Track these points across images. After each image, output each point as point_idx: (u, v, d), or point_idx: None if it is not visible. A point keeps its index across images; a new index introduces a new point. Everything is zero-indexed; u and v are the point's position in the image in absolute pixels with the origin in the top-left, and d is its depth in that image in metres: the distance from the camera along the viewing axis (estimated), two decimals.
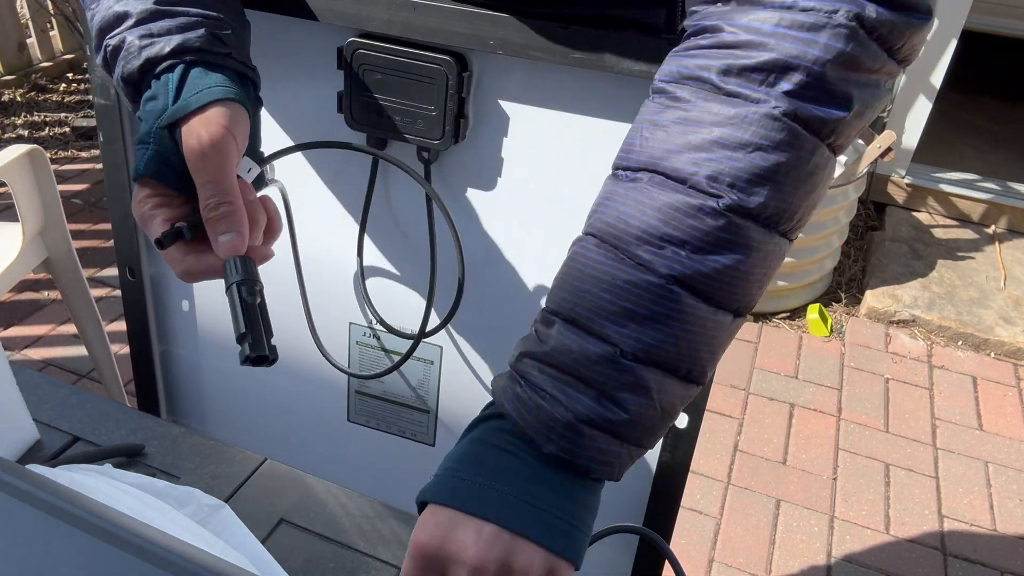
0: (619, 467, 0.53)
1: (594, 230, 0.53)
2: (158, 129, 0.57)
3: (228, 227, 0.58)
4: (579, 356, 0.51)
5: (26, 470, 0.38)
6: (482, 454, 0.52)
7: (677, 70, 0.52)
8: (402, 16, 0.75)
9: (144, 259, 1.02)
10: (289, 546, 0.66)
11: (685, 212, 0.50)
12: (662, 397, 0.52)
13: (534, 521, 0.49)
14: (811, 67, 0.48)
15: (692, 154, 0.50)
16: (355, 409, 1.03)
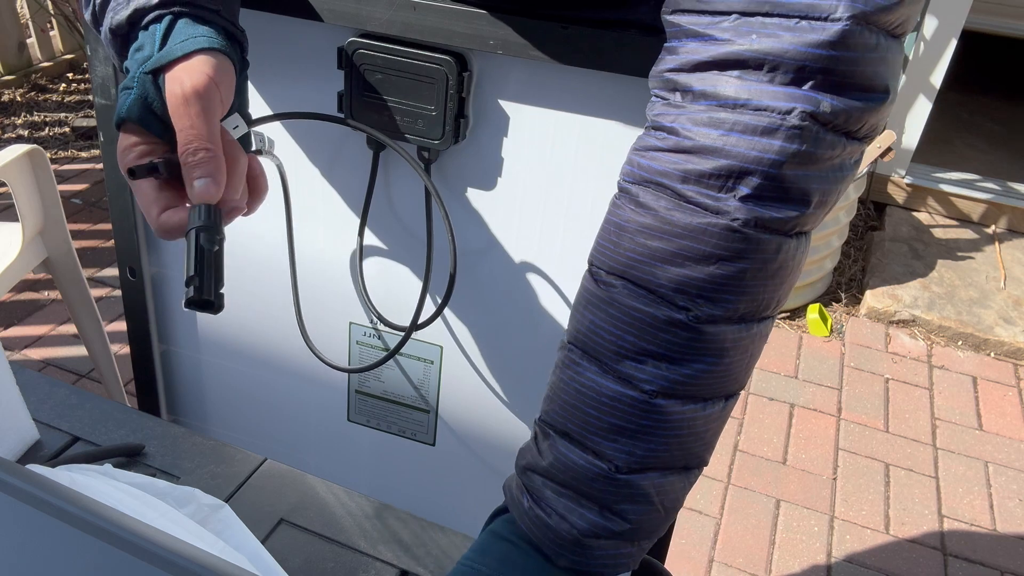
0: (633, 562, 0.54)
1: (577, 341, 0.54)
2: (142, 74, 0.56)
3: (204, 173, 0.56)
4: (576, 473, 0.52)
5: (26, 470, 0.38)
6: (495, 547, 0.54)
7: (639, 173, 0.52)
8: (402, 16, 0.75)
9: (145, 259, 1.02)
10: (289, 546, 0.66)
11: (658, 327, 0.50)
12: (663, 498, 0.53)
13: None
14: (767, 171, 0.48)
15: (658, 267, 0.50)
16: (355, 409, 1.03)
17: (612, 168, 0.79)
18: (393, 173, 0.87)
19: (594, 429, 0.52)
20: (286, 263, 0.96)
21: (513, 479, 0.57)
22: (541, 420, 0.56)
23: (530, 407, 0.95)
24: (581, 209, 0.82)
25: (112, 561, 0.33)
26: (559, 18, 0.71)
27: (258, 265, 0.97)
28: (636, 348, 0.51)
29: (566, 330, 0.56)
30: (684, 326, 0.50)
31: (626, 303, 0.51)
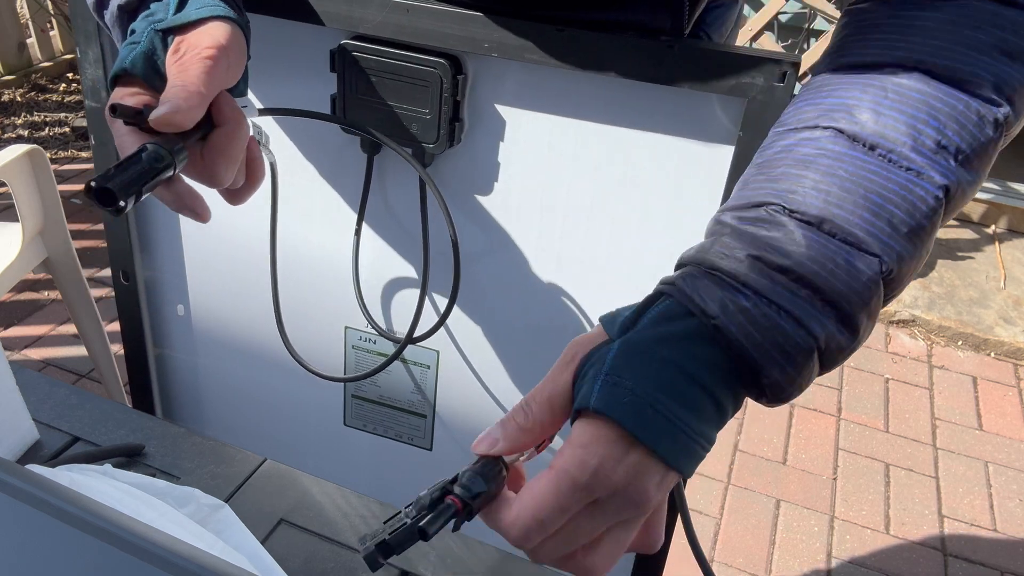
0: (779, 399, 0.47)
1: (840, 127, 0.47)
2: (152, 31, 0.55)
3: (175, 100, 0.52)
4: (832, 268, 0.44)
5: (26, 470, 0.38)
6: (680, 385, 0.43)
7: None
8: (395, 18, 0.74)
9: (138, 262, 1.01)
10: (289, 546, 0.66)
11: (966, 118, 0.45)
12: (861, 339, 0.46)
13: (689, 460, 0.44)
14: None
15: (971, 54, 0.46)
16: (351, 413, 1.03)
17: (609, 171, 0.78)
18: (389, 178, 0.87)
19: (868, 220, 0.44)
20: (281, 268, 0.95)
21: (701, 282, 0.45)
22: (770, 206, 0.46)
23: None
24: (578, 213, 0.82)
25: (112, 561, 0.33)
26: (554, 20, 0.71)
27: (254, 269, 0.97)
28: (937, 138, 0.46)
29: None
30: (994, 123, 0.46)
31: (923, 88, 0.46)
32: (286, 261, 0.96)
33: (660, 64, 0.69)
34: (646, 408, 0.42)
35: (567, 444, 0.44)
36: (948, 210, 0.47)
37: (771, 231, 0.45)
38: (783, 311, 0.43)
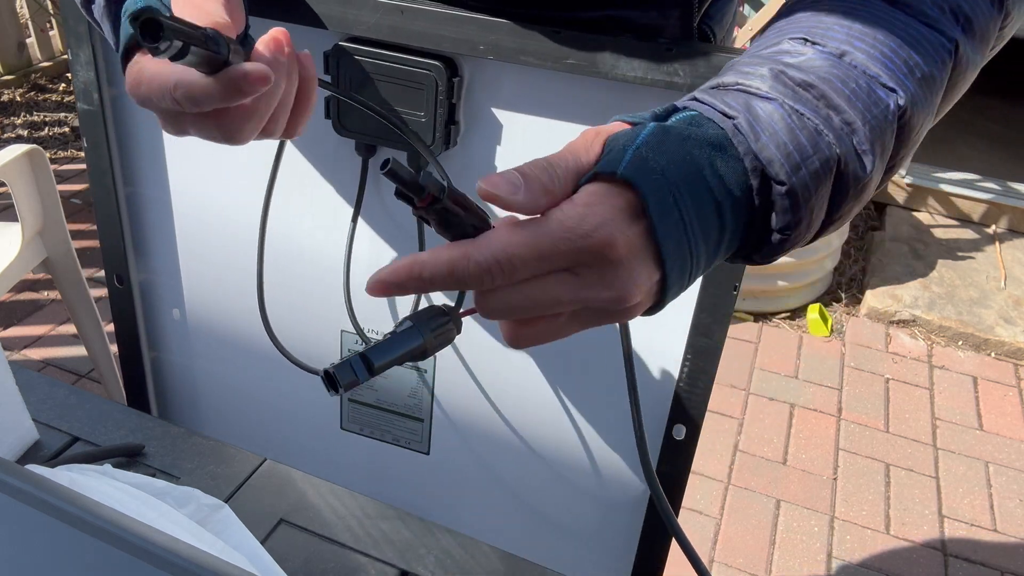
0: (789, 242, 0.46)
1: None
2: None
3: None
4: (854, 90, 0.44)
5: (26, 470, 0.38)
6: (701, 192, 0.42)
7: None
8: (390, 20, 0.73)
9: (132, 266, 1.01)
10: (288, 546, 0.66)
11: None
12: (872, 181, 0.46)
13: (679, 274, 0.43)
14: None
15: None
16: (348, 417, 1.03)
17: None
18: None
19: (891, 56, 0.45)
20: (277, 271, 0.95)
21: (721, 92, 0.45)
22: (802, 39, 0.47)
23: (526, 414, 0.95)
24: None
25: (112, 561, 0.33)
26: (552, 21, 0.70)
27: (249, 272, 0.97)
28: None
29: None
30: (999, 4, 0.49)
31: None
32: (281, 264, 0.95)
33: (658, 66, 0.69)
34: (668, 195, 0.41)
35: (567, 202, 0.41)
36: (952, 78, 0.49)
37: (793, 57, 0.46)
38: (806, 117, 0.43)
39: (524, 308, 0.42)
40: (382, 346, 0.43)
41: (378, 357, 0.42)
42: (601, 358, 0.89)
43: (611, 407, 0.91)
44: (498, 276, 0.40)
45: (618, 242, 0.40)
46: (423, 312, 0.44)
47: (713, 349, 0.81)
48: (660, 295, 0.43)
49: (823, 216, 0.46)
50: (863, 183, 0.46)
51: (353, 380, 0.42)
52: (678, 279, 0.43)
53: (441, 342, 0.44)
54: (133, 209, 0.98)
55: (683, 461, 0.87)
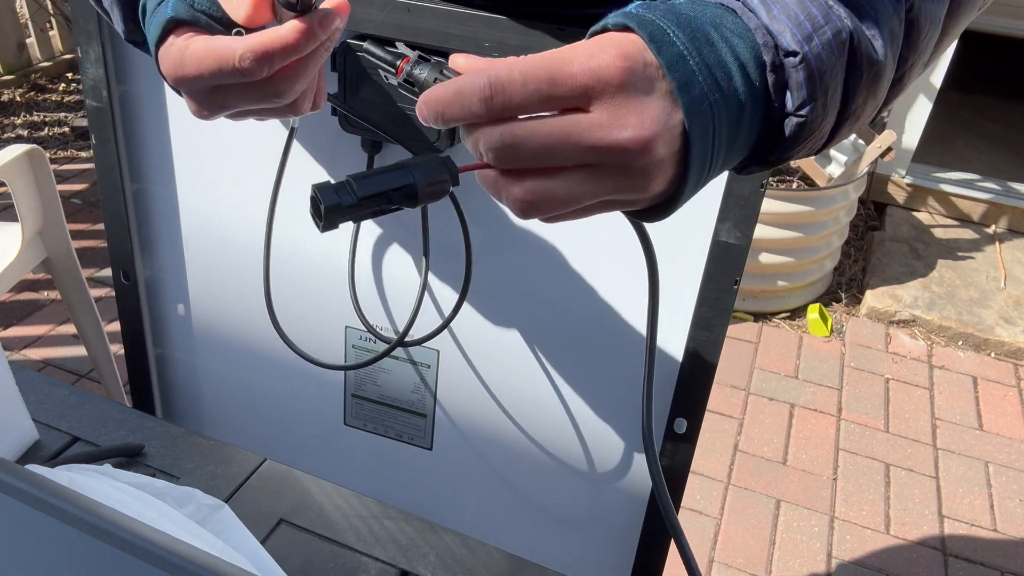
0: (805, 131, 0.45)
1: None
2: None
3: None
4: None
5: (26, 470, 0.38)
6: (709, 39, 0.42)
7: None
8: (396, 17, 0.74)
9: (138, 262, 1.01)
10: (288, 546, 0.66)
11: None
12: (892, 71, 0.46)
13: (704, 137, 0.42)
14: None
15: None
16: (352, 413, 1.03)
17: None
18: None
19: None
20: (279, 266, 0.95)
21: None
22: None
23: (528, 411, 0.95)
24: None
25: (112, 561, 0.33)
26: (556, 19, 0.71)
27: (254, 268, 0.97)
28: None
29: None
30: None
31: None
32: (285, 261, 0.96)
33: None
34: (680, 44, 0.41)
35: (576, 43, 0.41)
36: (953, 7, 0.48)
37: None
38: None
39: (529, 144, 0.40)
40: (371, 176, 0.42)
41: (365, 185, 0.42)
42: (603, 356, 0.89)
43: (613, 405, 0.91)
44: (499, 97, 0.40)
45: (632, 69, 0.39)
46: (422, 157, 0.43)
47: (714, 343, 0.81)
48: (684, 158, 0.42)
49: (838, 103, 0.45)
50: (877, 68, 0.45)
51: (336, 202, 0.41)
52: (700, 136, 0.41)
53: (433, 190, 0.43)
54: (140, 206, 0.98)
55: (684, 455, 0.87)
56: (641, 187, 0.42)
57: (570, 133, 0.40)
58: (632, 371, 0.89)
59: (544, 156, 0.40)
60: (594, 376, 0.90)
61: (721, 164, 0.44)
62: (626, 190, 0.42)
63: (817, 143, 0.47)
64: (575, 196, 0.42)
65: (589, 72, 0.40)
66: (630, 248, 0.83)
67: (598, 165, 0.41)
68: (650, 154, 0.40)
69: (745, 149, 0.45)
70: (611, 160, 0.40)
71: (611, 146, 0.40)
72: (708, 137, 0.42)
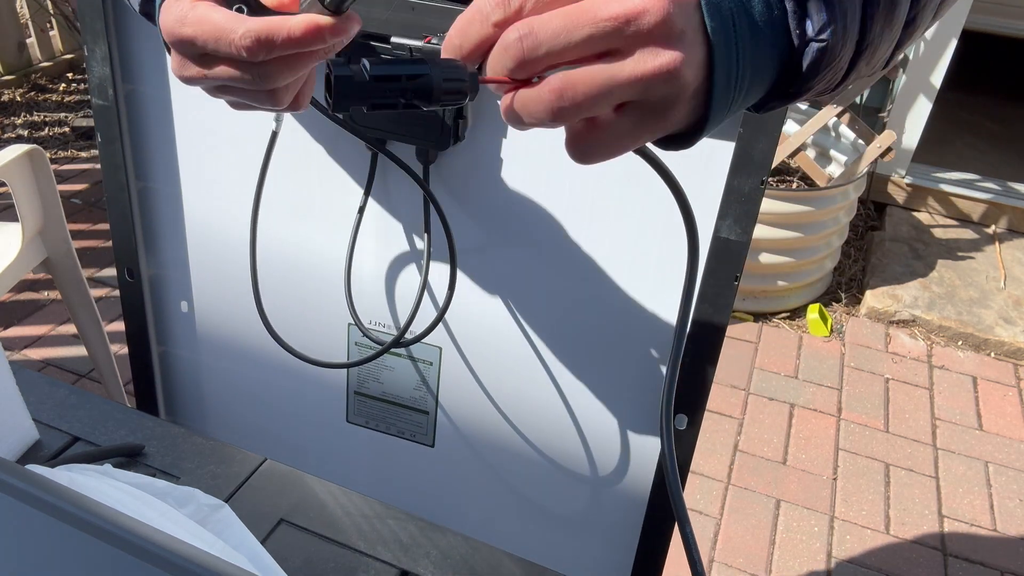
0: (824, 60, 0.44)
1: None
2: None
3: None
4: None
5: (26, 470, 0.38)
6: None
7: None
8: (400, 16, 0.75)
9: (143, 260, 1.02)
10: (289, 546, 0.66)
11: None
12: (897, 4, 0.46)
13: (727, 53, 0.41)
14: None
15: None
16: (354, 410, 1.03)
17: (610, 168, 0.78)
18: (391, 175, 0.87)
19: None
20: (283, 265, 0.96)
21: None
22: None
23: (530, 409, 0.95)
24: (580, 209, 0.82)
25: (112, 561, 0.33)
26: None
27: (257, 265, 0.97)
28: None
29: None
30: None
31: None
32: (288, 258, 0.96)
33: None
34: None
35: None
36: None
37: None
38: None
39: (548, 27, 0.39)
40: (388, 62, 0.41)
41: (379, 67, 0.41)
42: (603, 354, 0.89)
43: (614, 403, 0.91)
44: (532, 29, 0.39)
45: (674, 18, 0.39)
46: (446, 58, 0.42)
47: (714, 339, 0.81)
48: (708, 81, 0.41)
49: (857, 31, 0.45)
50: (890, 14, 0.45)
51: (347, 75, 0.40)
52: (724, 55, 0.41)
53: (450, 88, 0.41)
54: (145, 204, 0.99)
55: (685, 451, 0.88)
56: (674, 63, 0.40)
57: (586, 10, 0.39)
58: (633, 370, 0.89)
59: (563, 38, 0.39)
60: (595, 375, 0.90)
61: (749, 72, 0.43)
62: (657, 68, 0.40)
63: (837, 75, 0.46)
64: (602, 83, 0.40)
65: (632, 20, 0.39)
66: (631, 248, 0.83)
67: (620, 48, 0.40)
68: (668, 21, 0.39)
69: (769, 61, 0.44)
70: (631, 31, 0.39)
71: (626, 12, 0.39)
72: (727, 19, 0.41)
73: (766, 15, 0.42)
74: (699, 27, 0.41)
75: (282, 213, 0.93)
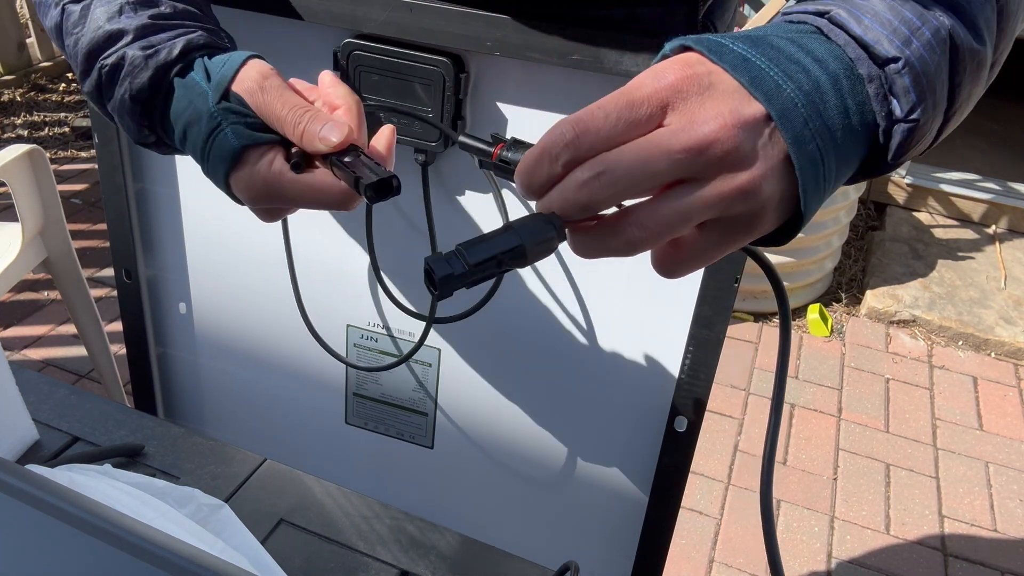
0: (916, 135, 0.44)
1: None
2: (218, 108, 0.55)
3: (321, 122, 0.54)
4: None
5: (26, 470, 0.38)
6: (795, 59, 0.42)
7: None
8: (398, 17, 0.74)
9: (140, 261, 1.01)
10: (289, 546, 0.66)
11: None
12: (987, 57, 0.46)
13: (808, 167, 0.41)
14: None
15: None
16: (353, 411, 1.03)
17: None
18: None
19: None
20: (284, 265, 0.96)
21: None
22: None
23: (529, 410, 0.95)
24: None
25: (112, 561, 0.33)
26: (558, 18, 0.71)
27: (256, 267, 0.97)
28: None
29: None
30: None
31: None
32: (286, 259, 0.96)
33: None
34: (771, 68, 0.41)
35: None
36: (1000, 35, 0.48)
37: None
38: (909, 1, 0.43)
39: (622, 163, 0.40)
40: (480, 243, 0.42)
41: (474, 253, 0.42)
42: (603, 355, 0.89)
43: (613, 404, 0.91)
44: (590, 123, 0.41)
45: (696, 74, 0.40)
46: (526, 217, 0.43)
47: (714, 341, 0.81)
48: (794, 187, 0.41)
49: (945, 99, 0.45)
50: (979, 58, 0.45)
51: (449, 273, 0.42)
52: (807, 165, 0.41)
53: (541, 248, 0.43)
54: (142, 205, 0.99)
55: (685, 453, 0.88)
56: (751, 181, 0.40)
57: (657, 144, 0.40)
58: (633, 370, 0.89)
59: (639, 173, 0.40)
60: (595, 375, 0.90)
61: (835, 164, 0.43)
62: (736, 187, 0.40)
63: (926, 143, 0.46)
64: (681, 211, 0.40)
65: (660, 89, 0.40)
66: None
67: (695, 176, 0.40)
68: (737, 144, 0.40)
69: (856, 148, 0.44)
70: (704, 160, 0.40)
71: (697, 143, 0.39)
72: (803, 125, 0.41)
73: (836, 96, 0.42)
74: (774, 141, 0.41)
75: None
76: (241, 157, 0.55)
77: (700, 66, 0.41)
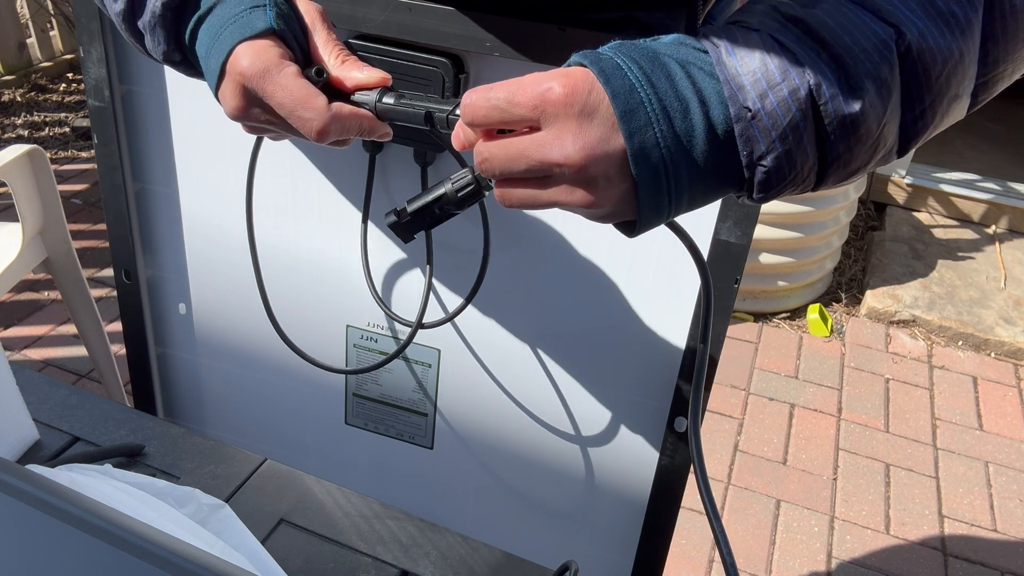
0: (775, 177, 0.47)
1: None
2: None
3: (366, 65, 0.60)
4: (844, 26, 0.45)
5: (26, 470, 0.38)
6: (672, 79, 0.46)
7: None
8: (398, 17, 0.74)
9: (140, 262, 1.01)
10: (289, 546, 0.66)
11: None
12: (890, 116, 0.46)
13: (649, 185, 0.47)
14: None
15: None
16: (353, 412, 1.03)
17: None
18: (391, 175, 0.87)
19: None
20: (284, 266, 0.96)
21: (712, 29, 0.49)
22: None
23: (529, 410, 0.95)
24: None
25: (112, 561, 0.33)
26: (557, 20, 0.71)
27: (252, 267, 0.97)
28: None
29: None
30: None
31: None
32: (287, 259, 0.96)
33: None
34: (628, 73, 0.46)
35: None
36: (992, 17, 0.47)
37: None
38: (785, 48, 0.45)
39: (496, 159, 0.49)
40: (419, 195, 0.57)
41: (412, 202, 0.57)
42: (603, 355, 0.89)
43: (613, 404, 0.92)
44: (481, 107, 0.49)
45: (575, 96, 0.45)
46: (463, 170, 0.56)
47: (715, 342, 0.81)
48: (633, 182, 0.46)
49: (813, 153, 0.47)
50: (853, 118, 0.45)
51: (395, 221, 0.57)
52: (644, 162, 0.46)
53: (464, 194, 0.55)
54: (142, 205, 0.99)
55: (685, 453, 0.88)
56: (586, 201, 0.48)
57: (523, 150, 0.48)
58: (633, 371, 0.89)
59: (507, 169, 0.49)
60: (594, 375, 0.90)
61: (688, 196, 0.48)
62: (572, 201, 0.48)
63: (807, 186, 0.49)
64: (533, 197, 0.50)
65: (536, 96, 0.47)
66: (631, 249, 0.83)
67: (546, 176, 0.48)
68: (584, 172, 0.46)
69: (718, 185, 0.49)
70: (552, 173, 0.48)
71: (546, 162, 0.47)
72: (657, 166, 0.46)
73: (704, 127, 0.46)
74: (624, 175, 0.47)
75: (281, 214, 0.93)
76: (266, 35, 0.57)
77: (582, 88, 0.46)
